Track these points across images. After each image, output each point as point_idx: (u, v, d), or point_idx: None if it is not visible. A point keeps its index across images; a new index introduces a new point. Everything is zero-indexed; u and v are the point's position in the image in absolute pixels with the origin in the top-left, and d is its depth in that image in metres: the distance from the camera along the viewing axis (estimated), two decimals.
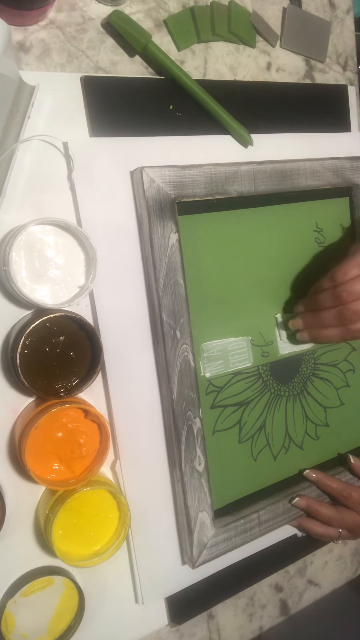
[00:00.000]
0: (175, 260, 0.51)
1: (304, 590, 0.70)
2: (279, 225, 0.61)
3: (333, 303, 0.54)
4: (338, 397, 0.68)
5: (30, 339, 0.44)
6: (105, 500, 0.50)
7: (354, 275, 0.53)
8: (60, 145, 0.49)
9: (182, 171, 0.51)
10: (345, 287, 0.52)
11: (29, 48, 0.49)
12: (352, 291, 0.52)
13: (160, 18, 0.55)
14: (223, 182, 0.54)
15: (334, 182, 0.62)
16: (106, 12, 0.52)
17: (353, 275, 0.53)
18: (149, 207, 0.49)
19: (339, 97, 0.68)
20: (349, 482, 0.64)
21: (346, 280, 0.53)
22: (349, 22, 0.70)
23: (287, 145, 0.62)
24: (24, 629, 0.48)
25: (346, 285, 0.53)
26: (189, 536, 0.53)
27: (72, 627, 0.50)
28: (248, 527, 0.57)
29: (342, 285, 0.53)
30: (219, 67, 0.60)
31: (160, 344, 0.51)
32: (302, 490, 0.61)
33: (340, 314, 0.53)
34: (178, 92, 0.55)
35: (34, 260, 0.46)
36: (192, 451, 0.53)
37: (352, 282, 0.52)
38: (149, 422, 0.53)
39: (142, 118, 0.53)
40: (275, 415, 0.62)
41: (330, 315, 0.55)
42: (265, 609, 0.66)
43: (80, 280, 0.47)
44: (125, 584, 0.55)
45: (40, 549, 0.50)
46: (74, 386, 0.47)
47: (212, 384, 0.58)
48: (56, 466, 0.48)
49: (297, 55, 0.65)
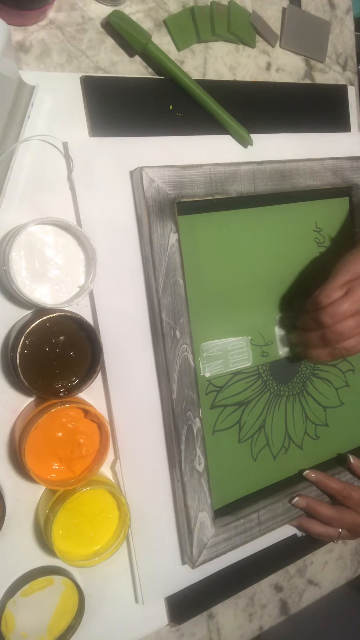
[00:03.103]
0: (175, 260, 0.51)
1: (304, 590, 0.70)
2: (278, 225, 0.61)
3: (316, 327, 0.55)
4: (338, 397, 0.68)
5: (30, 339, 0.44)
6: (105, 500, 0.50)
7: (335, 298, 0.53)
8: (60, 145, 0.49)
9: (181, 171, 0.51)
10: (327, 310, 0.53)
11: (28, 48, 0.49)
12: (333, 314, 0.53)
13: (160, 18, 0.55)
14: (223, 182, 0.54)
15: (333, 182, 0.62)
16: (106, 12, 0.52)
17: (335, 298, 0.53)
18: (149, 207, 0.49)
19: (339, 97, 0.68)
20: (349, 482, 0.64)
21: (328, 304, 0.53)
22: (348, 22, 0.70)
23: (286, 145, 0.62)
24: (24, 628, 0.48)
25: (328, 309, 0.53)
26: (189, 536, 0.53)
27: (72, 627, 0.50)
28: (248, 527, 0.57)
29: (324, 309, 0.53)
30: (219, 67, 0.60)
31: (160, 343, 0.51)
32: (301, 490, 0.61)
33: (324, 336, 0.54)
34: (178, 92, 0.55)
35: (33, 260, 0.46)
36: (192, 451, 0.53)
37: (333, 305, 0.53)
38: (149, 422, 0.53)
39: (142, 118, 0.53)
40: (275, 415, 0.62)
41: (315, 337, 0.56)
42: (265, 609, 0.66)
43: (80, 280, 0.47)
44: (125, 584, 0.55)
45: (40, 549, 0.50)
46: (74, 386, 0.47)
47: (212, 384, 0.58)
48: (56, 466, 0.48)
49: (296, 55, 0.65)
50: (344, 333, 0.53)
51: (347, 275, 0.54)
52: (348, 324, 0.53)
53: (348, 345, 0.54)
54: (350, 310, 0.52)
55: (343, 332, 0.53)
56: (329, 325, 0.53)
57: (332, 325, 0.53)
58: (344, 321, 0.53)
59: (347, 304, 0.52)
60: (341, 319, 0.53)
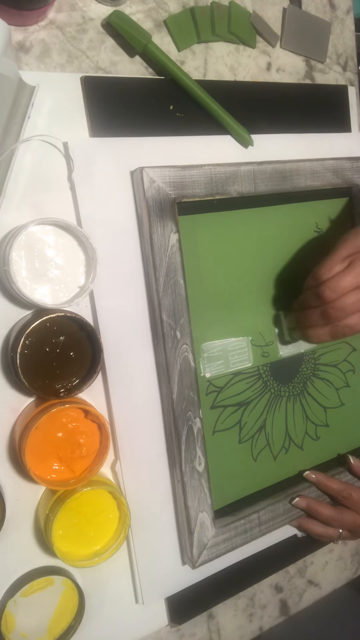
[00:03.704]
0: (175, 261, 0.51)
1: (304, 591, 0.70)
2: (279, 225, 0.61)
3: (317, 302, 0.52)
4: (338, 397, 0.68)
5: (30, 339, 0.44)
6: (105, 500, 0.50)
7: (337, 272, 0.51)
8: (60, 146, 0.49)
9: (182, 171, 0.51)
10: (328, 284, 0.50)
11: (29, 48, 0.49)
12: (335, 288, 0.50)
13: (160, 18, 0.55)
14: (223, 183, 0.54)
15: (334, 182, 0.62)
16: (106, 12, 0.52)
17: (336, 272, 0.51)
18: (149, 207, 0.49)
19: (339, 97, 0.68)
20: (349, 482, 0.64)
21: (329, 278, 0.51)
22: (349, 22, 0.70)
23: (287, 145, 0.62)
24: (24, 629, 0.48)
25: (329, 282, 0.50)
26: (189, 536, 0.53)
27: (72, 627, 0.50)
28: (248, 527, 0.57)
29: (325, 283, 0.51)
30: (219, 68, 0.60)
31: (160, 344, 0.51)
32: (302, 490, 0.61)
33: (325, 312, 0.51)
34: (178, 92, 0.55)
35: (34, 260, 0.46)
36: (192, 451, 0.53)
37: (335, 279, 0.50)
38: (149, 422, 0.53)
39: (142, 118, 0.53)
40: (276, 415, 0.62)
41: (316, 314, 0.53)
42: (265, 609, 0.66)
43: (80, 280, 0.47)
44: (125, 584, 0.55)
45: (40, 549, 0.50)
46: (74, 386, 0.47)
47: (213, 384, 0.58)
48: (56, 466, 0.48)
49: (297, 55, 0.65)
50: (346, 308, 0.50)
51: (349, 249, 0.51)
52: (350, 299, 0.50)
53: (350, 322, 0.51)
54: (352, 284, 0.50)
55: (345, 307, 0.50)
56: (330, 300, 0.50)
57: (334, 300, 0.50)
58: (346, 295, 0.50)
59: (349, 277, 0.50)
60: (343, 292, 0.50)
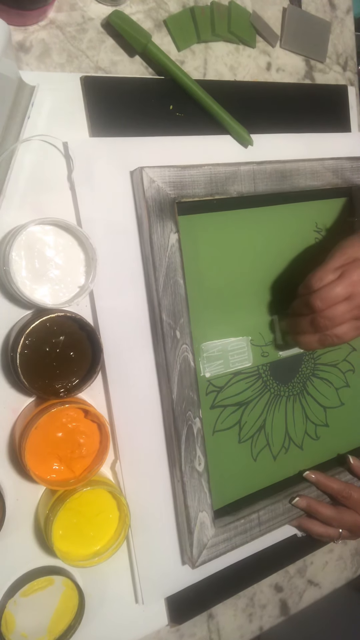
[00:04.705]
0: (175, 260, 0.51)
1: (304, 591, 0.70)
2: (279, 225, 0.61)
3: (308, 310, 0.52)
4: (338, 397, 0.68)
5: (30, 339, 0.44)
6: (105, 500, 0.50)
7: (328, 281, 0.51)
8: (60, 146, 0.49)
9: (182, 171, 0.51)
10: (319, 294, 0.50)
11: (29, 48, 0.49)
12: (325, 298, 0.50)
13: (160, 18, 0.55)
14: (223, 182, 0.54)
15: (334, 182, 0.62)
16: (106, 12, 0.52)
17: (327, 281, 0.51)
18: (149, 207, 0.49)
19: (339, 97, 0.68)
20: (349, 482, 0.64)
21: (320, 287, 0.51)
22: (349, 22, 0.70)
23: (287, 145, 0.62)
24: (24, 629, 0.48)
25: (320, 292, 0.51)
26: (189, 536, 0.53)
27: (72, 627, 0.50)
28: (248, 527, 0.57)
29: (315, 292, 0.51)
30: (219, 67, 0.60)
31: (160, 344, 0.51)
32: (302, 490, 0.61)
33: (315, 321, 0.52)
34: (178, 92, 0.55)
35: (34, 260, 0.46)
36: (192, 451, 0.53)
37: (325, 289, 0.50)
38: (149, 422, 0.53)
39: (142, 118, 0.53)
40: (275, 415, 0.62)
41: (306, 322, 0.53)
42: (265, 609, 0.66)
43: (80, 280, 0.47)
44: (125, 584, 0.55)
45: (40, 549, 0.50)
46: (74, 386, 0.47)
47: (212, 384, 0.58)
48: (56, 466, 0.48)
49: (297, 55, 0.65)
50: (335, 318, 0.50)
51: (342, 259, 0.51)
52: (339, 309, 0.50)
53: (339, 332, 0.51)
54: (342, 294, 0.50)
55: (334, 318, 0.50)
56: (319, 310, 0.50)
57: (323, 310, 0.50)
58: (335, 306, 0.50)
59: (339, 288, 0.50)
60: (332, 303, 0.50)
